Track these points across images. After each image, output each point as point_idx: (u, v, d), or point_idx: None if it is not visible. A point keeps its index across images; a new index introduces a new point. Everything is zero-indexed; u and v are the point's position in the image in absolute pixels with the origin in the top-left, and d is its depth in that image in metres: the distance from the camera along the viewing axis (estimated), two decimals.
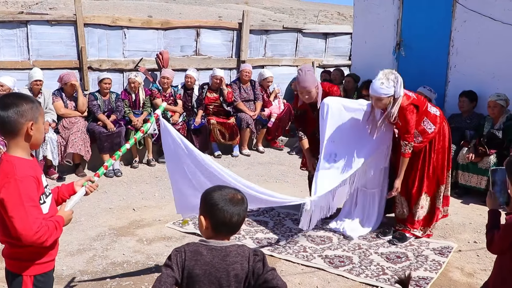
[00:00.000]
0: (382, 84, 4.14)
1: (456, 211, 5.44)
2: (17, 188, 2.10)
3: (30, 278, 2.25)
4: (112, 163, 3.24)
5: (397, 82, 4.15)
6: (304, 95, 4.69)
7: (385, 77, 4.16)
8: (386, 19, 7.77)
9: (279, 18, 25.14)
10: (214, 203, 2.01)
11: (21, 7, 21.92)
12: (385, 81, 4.14)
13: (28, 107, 2.19)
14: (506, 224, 2.31)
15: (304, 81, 4.60)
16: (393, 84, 4.14)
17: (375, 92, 4.19)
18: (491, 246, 2.39)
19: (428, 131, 4.45)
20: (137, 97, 7.33)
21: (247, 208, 2.10)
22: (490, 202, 2.49)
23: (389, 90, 4.14)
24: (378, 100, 4.23)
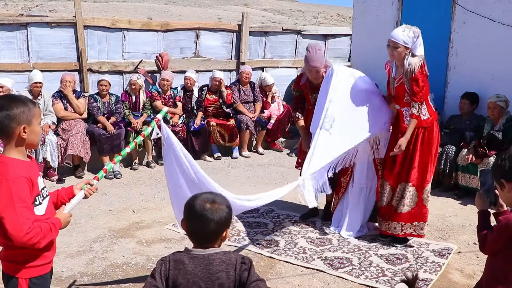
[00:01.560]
0: (404, 31, 4.14)
1: (455, 213, 5.44)
2: (9, 189, 2.10)
3: (26, 280, 2.24)
4: (112, 166, 3.24)
5: (417, 37, 4.15)
6: (312, 74, 4.65)
7: (408, 28, 4.17)
8: (386, 21, 7.77)
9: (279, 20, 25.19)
10: (190, 210, 1.95)
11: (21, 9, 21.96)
12: (407, 30, 4.14)
13: (20, 111, 2.17)
14: (499, 226, 2.31)
15: (314, 60, 4.56)
16: (413, 36, 4.13)
17: (394, 36, 4.16)
18: (484, 248, 2.40)
19: (422, 116, 4.33)
20: (138, 99, 7.34)
21: (231, 214, 2.00)
22: (480, 203, 2.50)
23: (408, 39, 4.13)
24: (394, 48, 4.18)
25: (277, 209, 5.46)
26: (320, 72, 4.61)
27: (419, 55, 4.20)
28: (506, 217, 2.30)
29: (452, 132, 6.31)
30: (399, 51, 4.19)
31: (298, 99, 5.05)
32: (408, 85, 4.23)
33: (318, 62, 4.57)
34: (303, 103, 5.01)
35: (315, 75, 4.64)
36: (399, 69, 4.32)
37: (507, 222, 2.28)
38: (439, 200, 5.86)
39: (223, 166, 7.41)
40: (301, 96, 5.00)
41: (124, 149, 3.30)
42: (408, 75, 4.19)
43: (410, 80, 4.18)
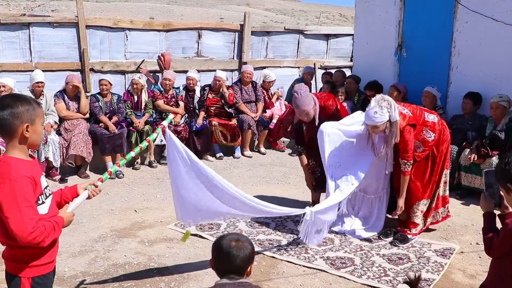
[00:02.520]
0: (376, 113, 4.18)
1: (458, 213, 5.43)
2: (12, 189, 2.11)
3: (28, 280, 2.25)
4: (116, 169, 3.25)
5: (390, 107, 4.20)
6: (303, 117, 4.76)
7: (378, 105, 4.19)
8: (388, 20, 7.76)
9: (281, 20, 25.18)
10: (217, 249, 2.14)
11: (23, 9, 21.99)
12: (379, 110, 4.18)
13: (24, 109, 2.18)
14: (506, 230, 2.29)
15: (303, 104, 4.65)
16: (386, 110, 4.18)
17: (371, 121, 4.24)
18: (491, 251, 2.38)
19: (429, 139, 4.48)
20: (140, 99, 7.34)
21: (254, 250, 2.23)
22: (485, 205, 2.47)
23: (383, 117, 4.18)
24: (375, 128, 4.28)
25: None
26: (310, 114, 4.73)
27: (397, 119, 4.25)
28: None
29: (454, 132, 6.28)
30: (380, 129, 4.29)
31: (297, 132, 5.15)
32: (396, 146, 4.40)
33: (306, 106, 4.66)
34: (303, 135, 5.11)
35: (306, 117, 4.76)
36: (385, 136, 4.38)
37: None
38: None
39: (225, 166, 7.40)
40: (300, 129, 5.09)
41: (129, 152, 3.33)
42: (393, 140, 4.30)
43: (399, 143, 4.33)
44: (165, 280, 3.84)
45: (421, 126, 4.44)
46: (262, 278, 3.89)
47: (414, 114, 4.42)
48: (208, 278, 3.87)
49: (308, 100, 4.65)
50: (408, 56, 7.67)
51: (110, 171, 3.06)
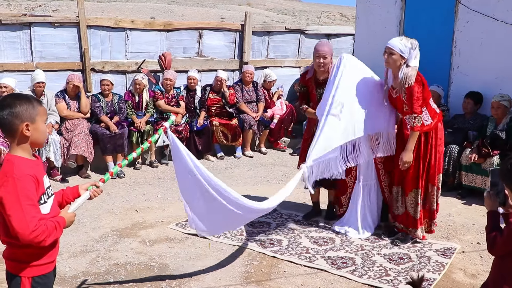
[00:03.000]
0: (401, 41, 4.19)
1: (459, 212, 5.43)
2: (15, 187, 2.12)
3: (28, 279, 2.26)
4: (118, 170, 3.25)
5: (414, 49, 4.18)
6: (320, 60, 4.66)
7: (406, 38, 4.22)
8: (389, 20, 7.75)
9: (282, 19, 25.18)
10: None
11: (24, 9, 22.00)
12: (405, 40, 4.19)
13: (23, 108, 2.19)
14: (510, 229, 2.30)
15: (322, 45, 4.68)
16: (410, 47, 4.16)
17: (390, 44, 4.21)
18: (494, 249, 2.38)
19: (424, 122, 4.34)
20: (141, 99, 7.35)
21: None
22: (489, 203, 2.47)
23: (404, 48, 4.16)
24: (390, 55, 4.22)
25: (280, 209, 5.45)
26: (327, 60, 4.66)
27: (413, 66, 4.21)
28: None
29: (455, 131, 6.29)
30: (394, 58, 4.22)
31: (303, 96, 5.05)
32: (404, 96, 4.27)
33: (326, 48, 4.66)
34: (307, 100, 5.00)
35: (323, 63, 4.66)
36: (396, 80, 4.34)
37: None
38: (443, 200, 5.81)
39: (226, 165, 7.41)
40: (305, 93, 4.99)
41: (131, 153, 3.34)
42: (403, 86, 4.22)
43: (406, 91, 4.22)
44: (166, 280, 3.84)
45: (426, 100, 4.32)
46: (263, 278, 3.89)
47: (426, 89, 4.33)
48: (209, 278, 3.88)
49: (330, 46, 4.71)
50: None
51: (111, 171, 3.07)
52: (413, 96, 4.19)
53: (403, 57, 4.19)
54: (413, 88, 4.18)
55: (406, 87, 4.19)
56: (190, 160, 3.68)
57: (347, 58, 4.54)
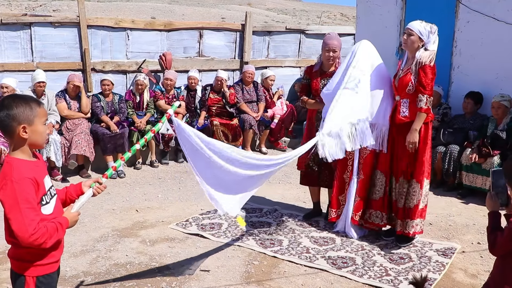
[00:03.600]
0: (421, 23, 4.21)
1: (459, 212, 5.43)
2: (13, 190, 2.12)
3: (33, 279, 2.26)
4: (121, 163, 3.21)
5: (433, 33, 4.20)
6: (330, 53, 4.73)
7: (426, 23, 4.23)
8: (389, 20, 7.75)
9: (282, 19, 25.18)
10: None
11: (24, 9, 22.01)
12: (425, 23, 4.21)
13: (20, 110, 2.18)
14: (510, 228, 2.30)
15: (332, 38, 4.75)
16: (430, 30, 4.19)
17: (411, 25, 4.24)
18: (494, 249, 2.38)
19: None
20: (142, 99, 7.36)
21: None
22: (491, 204, 2.47)
23: (423, 31, 4.19)
24: (408, 36, 4.24)
25: (281, 209, 5.46)
26: (336, 54, 4.73)
27: (431, 50, 4.23)
28: None
29: (455, 131, 6.29)
30: (412, 39, 4.23)
31: (304, 88, 5.06)
32: (415, 76, 4.23)
33: (336, 41, 4.73)
34: (308, 91, 5.01)
35: (332, 57, 4.73)
36: (409, 60, 4.34)
37: None
38: (443, 200, 5.85)
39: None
40: (308, 85, 5.00)
41: (134, 145, 3.26)
42: (417, 65, 4.21)
43: (419, 70, 4.20)
44: (166, 280, 3.84)
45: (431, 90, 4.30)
46: (264, 277, 3.89)
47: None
48: (210, 278, 3.88)
49: (339, 40, 4.77)
50: None
51: (114, 166, 3.02)
52: (427, 75, 4.18)
53: (422, 40, 4.22)
54: (428, 68, 4.18)
55: (421, 67, 4.19)
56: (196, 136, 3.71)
57: (365, 43, 4.62)
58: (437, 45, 4.27)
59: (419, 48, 4.24)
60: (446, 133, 6.26)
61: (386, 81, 4.57)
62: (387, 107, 4.51)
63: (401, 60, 4.52)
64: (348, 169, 4.73)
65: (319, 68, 4.91)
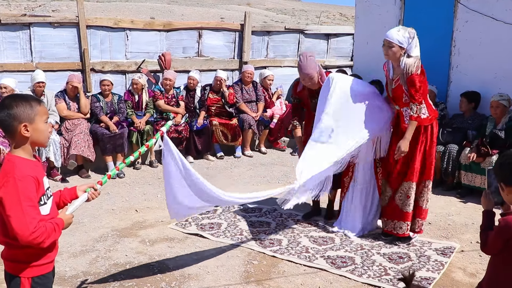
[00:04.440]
0: (399, 31, 4.13)
1: (458, 211, 5.44)
2: (16, 187, 2.12)
3: (28, 280, 2.26)
4: (116, 173, 3.28)
5: (413, 38, 4.13)
6: (307, 82, 4.64)
7: (404, 28, 4.16)
8: (388, 20, 7.76)
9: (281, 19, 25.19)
10: None
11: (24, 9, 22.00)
12: (402, 30, 4.13)
13: (20, 109, 2.20)
14: (499, 226, 2.32)
15: (306, 67, 4.53)
16: (408, 36, 4.11)
17: (389, 36, 4.15)
18: (485, 247, 2.40)
19: (422, 115, 4.30)
20: (140, 98, 7.36)
21: None
22: (485, 203, 2.49)
23: (402, 39, 4.11)
24: (388, 48, 4.18)
25: (280, 208, 5.44)
26: (314, 79, 4.59)
27: (414, 56, 4.18)
28: (505, 219, 2.31)
29: (454, 131, 6.30)
30: (393, 51, 4.19)
31: (296, 107, 5.06)
32: (405, 86, 4.23)
33: (310, 69, 4.54)
34: (301, 111, 5.04)
35: (310, 82, 4.64)
36: (396, 70, 4.32)
37: (506, 223, 2.28)
38: (442, 199, 5.86)
39: (226, 165, 7.41)
40: (300, 104, 5.01)
41: (128, 157, 3.37)
42: (404, 76, 4.18)
43: (406, 81, 4.18)
44: (166, 280, 3.85)
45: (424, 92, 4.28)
46: (263, 277, 3.90)
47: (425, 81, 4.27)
48: (209, 278, 3.88)
49: (312, 64, 4.54)
50: None
51: (109, 174, 3.08)
52: (415, 85, 4.15)
53: (402, 48, 4.17)
54: (415, 77, 4.14)
55: (408, 77, 4.15)
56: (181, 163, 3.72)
57: (336, 80, 4.44)
58: (419, 48, 4.22)
59: (402, 56, 4.19)
60: (445, 133, 6.27)
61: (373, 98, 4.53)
62: (387, 119, 4.53)
63: (386, 69, 4.47)
64: (349, 174, 4.80)
65: (304, 87, 4.83)
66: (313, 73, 4.55)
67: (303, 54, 4.61)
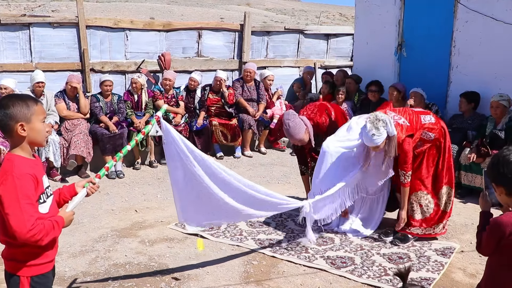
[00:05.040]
0: (374, 136, 4.11)
1: (458, 212, 5.43)
2: (14, 185, 2.13)
3: (27, 279, 2.27)
4: (113, 164, 3.24)
5: (386, 125, 4.12)
6: (298, 143, 4.84)
7: (374, 127, 4.09)
8: (388, 20, 7.77)
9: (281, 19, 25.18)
10: None
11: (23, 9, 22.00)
12: (376, 131, 4.10)
13: (17, 109, 2.21)
14: (489, 226, 2.32)
15: (294, 134, 4.68)
16: (383, 129, 4.11)
17: (371, 143, 4.18)
18: (480, 248, 2.40)
19: (429, 139, 4.44)
20: (140, 99, 7.35)
21: None
22: (483, 204, 2.50)
23: (382, 137, 4.13)
24: (375, 148, 4.25)
25: None
26: (305, 140, 4.75)
27: (392, 135, 4.18)
28: (495, 218, 2.30)
29: (454, 131, 6.29)
30: (381, 147, 4.23)
31: (298, 152, 5.20)
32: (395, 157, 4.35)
33: (299, 134, 4.68)
34: (304, 157, 5.15)
35: (301, 143, 4.81)
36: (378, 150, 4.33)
37: (495, 222, 2.27)
38: None
39: (226, 165, 7.27)
40: (301, 149, 5.11)
41: (125, 146, 3.31)
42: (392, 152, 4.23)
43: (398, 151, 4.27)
44: (165, 280, 3.84)
45: (419, 131, 4.38)
46: (263, 277, 3.90)
47: (411, 122, 4.32)
48: (209, 278, 3.88)
49: (298, 128, 4.66)
50: (408, 56, 7.67)
51: (107, 166, 3.05)
52: (406, 154, 4.28)
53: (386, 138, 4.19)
54: (404, 146, 4.25)
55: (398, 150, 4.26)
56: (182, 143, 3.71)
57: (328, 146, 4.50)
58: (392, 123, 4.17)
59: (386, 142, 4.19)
60: None
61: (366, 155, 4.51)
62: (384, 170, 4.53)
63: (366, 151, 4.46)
64: None
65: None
66: (302, 136, 4.71)
67: (286, 120, 4.67)
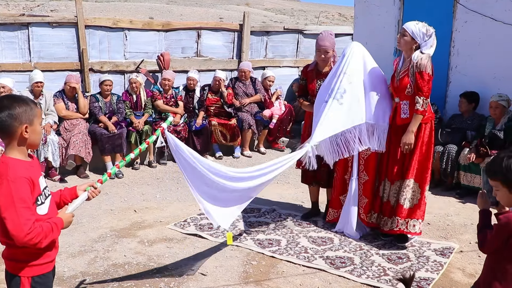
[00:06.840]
0: (417, 24, 4.15)
1: (457, 212, 5.44)
2: (9, 189, 2.11)
3: (28, 279, 2.26)
4: (116, 171, 3.27)
5: (429, 36, 4.15)
6: (321, 55, 4.73)
7: (423, 24, 4.17)
8: (387, 20, 7.76)
9: (280, 19, 25.16)
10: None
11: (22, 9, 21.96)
12: (421, 25, 4.15)
13: (22, 110, 2.18)
14: (499, 224, 2.33)
15: (324, 39, 4.70)
16: (425, 33, 4.13)
17: (406, 25, 4.19)
18: (484, 246, 2.41)
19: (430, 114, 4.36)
20: (138, 98, 7.34)
21: None
22: (481, 202, 2.52)
23: (417, 33, 4.14)
24: (402, 36, 4.22)
25: (279, 209, 5.46)
26: (329, 54, 4.72)
27: (427, 53, 4.19)
28: (507, 215, 2.32)
29: (453, 131, 6.30)
30: (405, 40, 4.22)
31: (301, 88, 5.08)
32: (412, 78, 4.22)
33: (327, 42, 4.70)
34: (306, 94, 5.02)
35: (324, 57, 4.73)
36: (406, 62, 4.34)
37: (508, 220, 2.30)
38: (441, 200, 5.86)
39: (225, 165, 7.39)
40: (305, 86, 5.01)
41: (129, 154, 3.36)
42: (414, 68, 4.18)
43: (416, 74, 4.18)
44: (164, 280, 3.84)
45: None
46: (262, 277, 3.90)
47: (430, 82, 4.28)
48: (208, 278, 3.88)
49: (331, 39, 4.73)
50: None
51: (109, 172, 3.08)
52: (424, 79, 4.17)
53: (415, 41, 4.19)
54: (425, 73, 4.16)
55: (418, 71, 4.16)
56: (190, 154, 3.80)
57: (355, 46, 4.60)
58: (434, 49, 4.23)
59: (414, 50, 4.22)
60: (444, 133, 6.28)
61: (380, 83, 4.57)
62: (386, 109, 4.51)
63: (397, 60, 4.51)
64: (349, 170, 4.75)
65: (315, 67, 4.90)
66: (329, 47, 4.71)
67: (325, 30, 4.79)
